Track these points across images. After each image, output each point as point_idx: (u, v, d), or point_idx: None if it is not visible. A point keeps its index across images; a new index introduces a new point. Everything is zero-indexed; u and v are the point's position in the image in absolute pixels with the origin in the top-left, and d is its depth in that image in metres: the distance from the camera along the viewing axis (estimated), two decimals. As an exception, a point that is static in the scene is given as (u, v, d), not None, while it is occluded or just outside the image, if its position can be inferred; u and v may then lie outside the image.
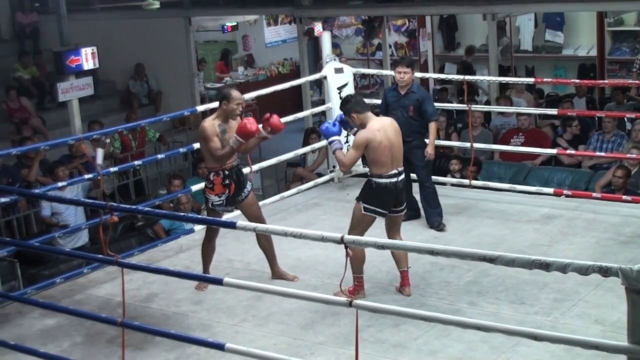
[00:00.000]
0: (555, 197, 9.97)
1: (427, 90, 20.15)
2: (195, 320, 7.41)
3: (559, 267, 4.60)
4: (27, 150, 11.32)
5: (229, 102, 7.86)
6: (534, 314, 7.06)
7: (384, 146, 7.40)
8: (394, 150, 7.47)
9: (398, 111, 9.18)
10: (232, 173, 7.93)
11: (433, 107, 9.36)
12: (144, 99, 19.44)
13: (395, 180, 7.48)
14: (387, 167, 7.44)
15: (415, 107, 9.19)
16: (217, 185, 7.90)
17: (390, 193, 7.47)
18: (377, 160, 7.43)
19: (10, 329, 7.57)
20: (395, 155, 7.49)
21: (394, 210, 7.60)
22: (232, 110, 7.89)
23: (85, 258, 8.53)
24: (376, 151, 7.40)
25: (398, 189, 7.51)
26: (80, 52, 14.05)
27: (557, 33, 19.20)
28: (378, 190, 7.46)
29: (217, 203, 7.95)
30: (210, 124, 7.87)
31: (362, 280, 7.57)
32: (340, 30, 22.39)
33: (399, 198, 7.57)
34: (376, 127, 7.46)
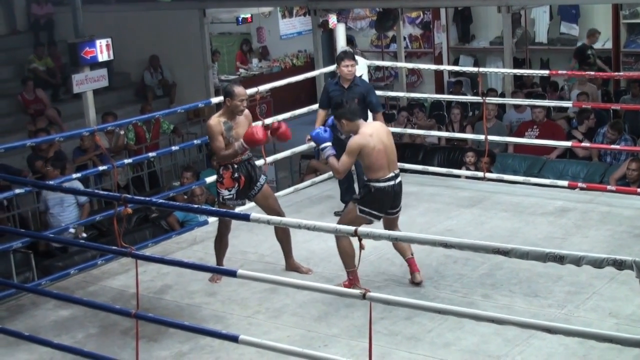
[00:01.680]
0: (569, 189, 9.94)
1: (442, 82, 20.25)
2: (208, 312, 7.43)
3: (573, 260, 4.58)
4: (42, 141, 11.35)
5: (233, 99, 7.90)
6: (547, 307, 7.05)
7: (377, 150, 7.39)
8: (388, 152, 7.48)
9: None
10: (242, 167, 7.97)
11: (377, 98, 9.45)
12: (158, 91, 19.45)
13: (393, 183, 7.49)
14: (384, 170, 7.44)
15: (360, 100, 9.19)
16: (226, 179, 7.94)
17: (389, 196, 7.49)
18: (373, 165, 7.42)
19: (24, 320, 7.60)
20: (390, 158, 7.50)
21: (391, 212, 7.64)
22: (235, 106, 7.91)
23: (99, 249, 8.55)
24: (370, 156, 7.39)
25: (396, 192, 7.53)
26: (95, 44, 14.06)
27: (573, 25, 19.13)
28: (377, 195, 7.47)
29: (227, 197, 7.99)
30: (215, 122, 7.90)
31: (356, 274, 7.48)
32: (355, 22, 22.35)
33: (397, 201, 7.60)
34: (368, 132, 7.46)
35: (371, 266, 7.85)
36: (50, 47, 18.90)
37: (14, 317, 7.65)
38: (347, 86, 9.34)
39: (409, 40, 21.51)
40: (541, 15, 19.39)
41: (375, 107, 9.34)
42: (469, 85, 19.27)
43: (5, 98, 17.73)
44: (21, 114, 17.31)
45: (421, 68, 15.73)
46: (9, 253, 9.66)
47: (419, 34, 21.66)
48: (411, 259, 7.62)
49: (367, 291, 5.39)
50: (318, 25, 17.66)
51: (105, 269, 8.60)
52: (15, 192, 9.13)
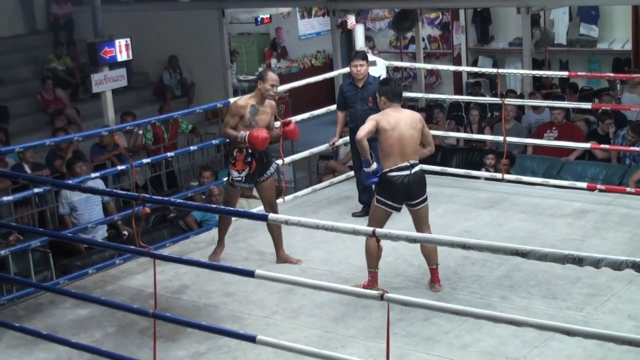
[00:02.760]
0: (588, 191, 9.90)
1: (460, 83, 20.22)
2: (226, 312, 7.43)
3: (592, 262, 4.56)
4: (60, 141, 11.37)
5: (264, 82, 8.17)
6: (566, 309, 7.02)
7: (389, 135, 7.41)
8: (402, 142, 7.44)
9: (357, 104, 9.40)
10: (255, 152, 8.22)
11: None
12: (177, 91, 19.49)
13: (407, 173, 7.44)
14: (395, 159, 7.43)
15: (374, 98, 9.11)
16: (239, 162, 8.24)
17: (399, 187, 7.44)
18: (385, 151, 7.46)
19: (43, 318, 7.62)
20: (404, 148, 7.44)
21: (410, 204, 7.58)
22: (266, 90, 8.18)
23: (117, 249, 8.57)
24: (383, 137, 7.44)
25: (410, 183, 7.46)
26: (114, 44, 14.11)
27: (592, 27, 19.08)
28: (387, 184, 7.47)
29: (236, 179, 8.30)
30: (242, 103, 8.27)
31: (376, 276, 7.50)
32: (374, 23, 22.35)
33: (412, 192, 7.51)
34: (390, 115, 7.51)
35: (389, 267, 7.84)
36: (70, 47, 18.97)
37: (32, 316, 7.67)
38: (361, 85, 9.38)
39: (428, 41, 21.49)
40: (560, 17, 19.35)
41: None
42: (488, 86, 19.24)
43: (24, 97, 17.82)
44: (40, 113, 17.39)
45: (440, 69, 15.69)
46: (28, 252, 9.70)
47: (438, 34, 21.65)
48: (434, 269, 7.57)
49: (384, 292, 5.38)
50: (337, 26, 17.68)
51: (123, 269, 8.61)
52: (34, 191, 9.18)
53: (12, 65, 18.76)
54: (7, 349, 7.10)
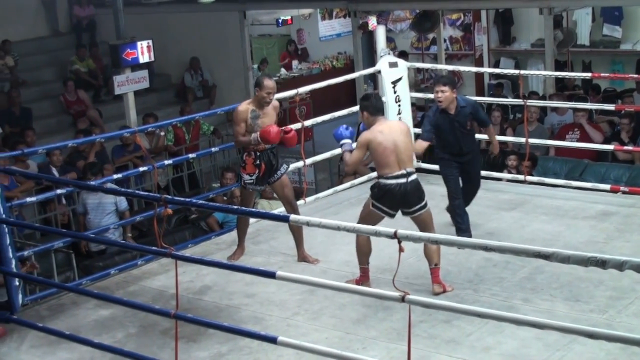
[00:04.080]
0: (611, 193, 9.85)
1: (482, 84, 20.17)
2: (247, 313, 7.43)
3: (616, 264, 4.54)
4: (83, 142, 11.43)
5: (260, 90, 8.32)
6: (589, 312, 6.99)
7: (384, 147, 7.45)
8: (398, 151, 7.47)
9: (457, 131, 8.73)
10: (264, 155, 8.39)
11: (484, 113, 9.39)
12: (198, 93, 19.54)
13: (404, 181, 7.47)
14: (392, 167, 7.47)
15: (471, 121, 8.84)
16: (248, 165, 8.39)
17: (395, 194, 7.48)
18: (380, 161, 7.51)
19: (65, 319, 7.64)
20: (401, 157, 7.48)
21: (408, 212, 7.61)
22: (262, 97, 8.34)
23: (139, 250, 8.59)
24: (377, 152, 7.49)
25: (406, 190, 7.49)
26: (136, 46, 14.18)
27: (615, 27, 18.99)
28: (383, 191, 7.52)
29: (247, 181, 8.44)
30: (243, 108, 8.40)
31: (367, 271, 7.70)
32: (395, 24, 22.32)
33: (408, 199, 7.53)
34: (379, 129, 7.56)
35: (410, 269, 7.82)
36: (92, 49, 19.05)
37: (55, 316, 7.70)
38: (454, 111, 8.68)
39: (450, 42, 21.45)
40: (583, 17, 19.25)
41: (485, 122, 9.17)
42: (510, 87, 19.18)
43: (47, 99, 17.92)
44: (63, 114, 17.48)
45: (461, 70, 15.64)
46: (51, 253, 9.74)
47: (460, 36, 21.59)
48: (434, 268, 7.57)
49: (406, 294, 5.36)
50: (358, 27, 17.66)
51: (145, 269, 8.63)
52: (56, 192, 9.22)
53: (35, 67, 18.88)
54: (31, 349, 7.13)
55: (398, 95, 10.76)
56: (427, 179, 10.66)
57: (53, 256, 9.94)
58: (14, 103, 16.31)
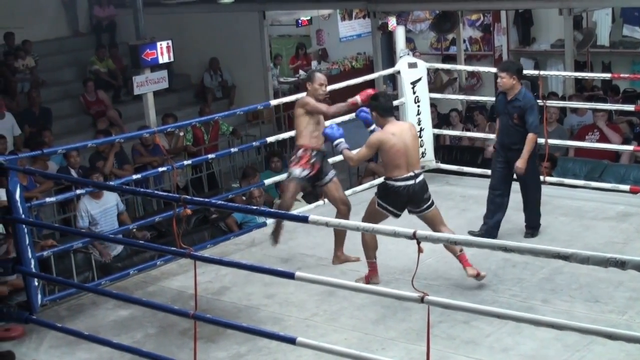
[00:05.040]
0: (631, 194, 9.80)
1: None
2: (266, 313, 7.44)
3: (635, 265, 4.52)
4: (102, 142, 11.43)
5: (312, 82, 8.46)
6: (608, 313, 6.97)
7: (396, 149, 7.53)
8: (409, 153, 7.56)
9: (504, 117, 8.87)
10: (319, 155, 8.41)
11: (534, 118, 8.81)
12: (218, 93, 19.56)
13: (412, 183, 7.58)
14: (401, 170, 7.56)
15: (519, 115, 8.74)
16: (303, 159, 8.33)
17: (402, 196, 7.60)
18: (391, 163, 7.59)
19: (84, 319, 7.67)
20: (410, 160, 7.58)
21: (413, 211, 7.72)
22: (315, 90, 8.44)
23: (158, 250, 8.60)
24: (388, 153, 7.57)
25: (414, 192, 7.58)
26: (156, 46, 14.21)
27: (635, 28, 18.92)
28: (391, 192, 7.64)
29: (297, 176, 8.35)
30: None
31: (375, 266, 7.81)
32: (415, 25, 22.29)
33: (415, 200, 7.64)
34: (391, 131, 7.63)
35: (429, 269, 7.81)
36: (112, 49, 19.10)
37: (74, 317, 7.73)
38: (510, 99, 8.77)
39: (469, 42, 21.40)
40: (603, 18, 19.18)
41: (529, 126, 8.70)
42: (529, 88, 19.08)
43: (68, 99, 17.98)
44: (83, 115, 17.53)
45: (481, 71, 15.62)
46: (70, 253, 9.77)
47: (479, 36, 21.55)
48: (461, 255, 7.60)
49: (425, 295, 5.36)
50: (377, 28, 17.65)
51: (164, 270, 8.66)
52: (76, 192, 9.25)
53: (55, 67, 18.94)
54: (50, 349, 7.16)
55: (417, 95, 10.75)
56: (446, 179, 10.69)
57: (72, 256, 9.97)
58: (34, 103, 16.36)
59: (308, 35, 23.39)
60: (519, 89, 8.78)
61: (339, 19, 23.14)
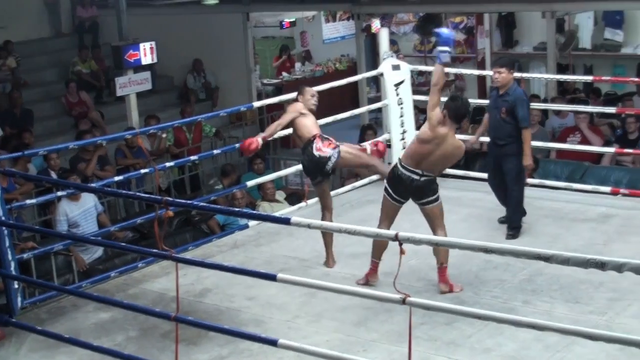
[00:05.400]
0: (612, 196, 9.85)
1: (484, 87, 20.13)
2: (248, 315, 7.44)
3: (615, 266, 4.54)
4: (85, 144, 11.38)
5: (303, 95, 8.54)
6: (588, 313, 7.00)
7: (423, 146, 7.52)
8: (427, 160, 7.52)
9: (493, 111, 9.02)
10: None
11: (524, 112, 8.82)
12: (201, 94, 19.54)
13: (417, 177, 7.55)
14: (413, 162, 7.56)
15: (508, 110, 8.81)
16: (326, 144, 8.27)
17: (402, 183, 7.60)
18: (411, 150, 7.62)
19: (65, 322, 7.65)
20: (424, 165, 7.53)
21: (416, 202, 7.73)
22: (307, 101, 8.50)
23: (140, 252, 8.59)
24: (418, 138, 7.61)
25: (413, 185, 7.56)
26: (139, 47, 14.19)
27: (617, 31, 18.96)
28: (394, 175, 7.65)
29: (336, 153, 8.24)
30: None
31: (376, 266, 7.79)
32: (398, 27, 22.30)
33: (415, 192, 7.64)
34: (441, 133, 7.51)
35: (411, 270, 7.82)
36: (94, 50, 19.05)
37: (54, 319, 7.70)
38: (501, 93, 8.91)
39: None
40: (585, 21, 19.23)
41: (520, 121, 8.78)
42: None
43: (49, 100, 17.92)
44: (65, 116, 17.47)
45: (464, 73, 15.65)
46: (50, 255, 9.73)
47: (462, 39, 21.56)
48: (440, 268, 7.62)
49: (407, 296, 5.37)
50: (361, 30, 17.67)
51: (145, 272, 8.64)
52: (57, 194, 9.22)
53: (37, 68, 18.87)
54: (29, 353, 7.13)
55: (400, 98, 10.78)
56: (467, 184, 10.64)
57: (53, 259, 9.93)
58: (15, 104, 16.30)
59: (292, 37, 23.40)
60: (511, 82, 8.90)
61: (323, 21, 23.15)
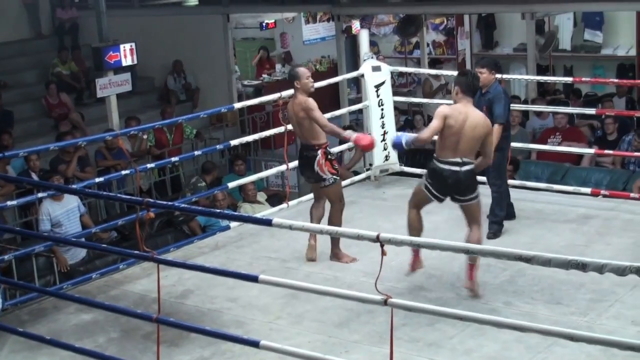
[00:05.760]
0: (592, 197, 9.89)
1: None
2: (230, 317, 7.43)
3: (596, 267, 4.56)
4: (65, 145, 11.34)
5: (300, 79, 8.27)
6: (570, 314, 7.02)
7: (453, 131, 7.36)
8: (461, 139, 7.38)
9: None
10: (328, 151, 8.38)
11: (500, 109, 8.84)
12: (181, 96, 19.51)
13: (457, 169, 7.41)
14: (448, 152, 7.41)
15: (488, 107, 8.82)
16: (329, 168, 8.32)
17: (443, 179, 7.46)
18: (442, 142, 7.45)
19: (46, 323, 7.62)
20: (461, 146, 7.39)
21: (457, 199, 7.59)
22: (305, 84, 8.28)
23: (121, 254, 8.57)
24: (444, 131, 7.40)
25: (458, 179, 7.43)
26: (119, 48, 14.16)
27: (596, 32, 19.06)
28: (433, 172, 7.53)
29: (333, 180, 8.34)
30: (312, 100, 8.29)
31: (418, 252, 7.64)
32: (379, 28, 22.34)
33: (458, 187, 7.50)
34: (458, 110, 7.45)
35: (392, 272, 7.81)
36: (74, 51, 19.00)
37: (35, 321, 7.67)
38: (483, 92, 8.94)
39: (433, 46, 21.48)
40: (565, 22, 19.32)
41: (495, 117, 8.71)
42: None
43: (29, 102, 17.86)
44: (45, 117, 17.41)
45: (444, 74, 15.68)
46: (32, 257, 9.70)
47: (443, 40, 21.63)
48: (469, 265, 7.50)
49: (388, 297, 5.38)
50: (341, 31, 17.67)
51: (127, 273, 8.62)
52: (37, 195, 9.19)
53: (17, 69, 18.81)
54: (11, 354, 7.10)
55: (381, 99, 10.79)
56: (410, 182, 10.65)
57: (34, 260, 9.90)
58: (-5, 106, 16.25)
59: (272, 38, 23.38)
60: (493, 81, 8.94)
61: (303, 22, 23.15)
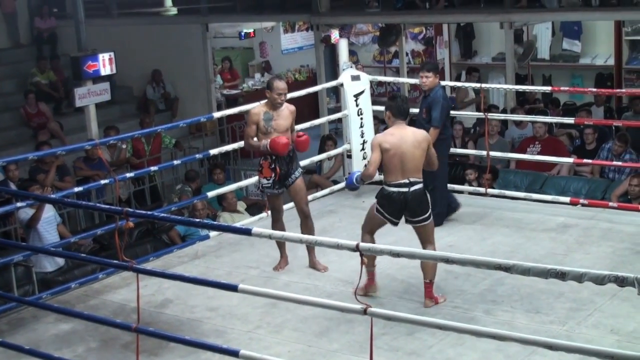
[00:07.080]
0: (571, 206, 9.92)
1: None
2: (209, 326, 7.41)
3: (575, 276, 4.57)
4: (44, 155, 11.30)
5: (271, 91, 8.29)
6: (549, 323, 7.03)
7: (392, 154, 7.42)
8: (404, 159, 7.43)
9: (420, 113, 9.40)
10: (280, 159, 8.32)
11: (437, 113, 9.12)
12: (160, 105, 19.49)
13: (406, 190, 7.43)
14: (396, 175, 7.45)
15: (427, 110, 9.19)
16: (265, 169, 8.35)
17: (396, 203, 7.48)
18: (386, 167, 7.51)
19: (25, 333, 7.58)
20: (406, 166, 7.44)
21: (410, 220, 7.60)
22: (274, 99, 8.29)
23: (100, 263, 8.53)
24: (385, 156, 7.47)
25: (408, 200, 7.46)
26: (98, 58, 14.13)
27: (575, 42, 19.16)
28: (385, 197, 7.54)
29: (265, 185, 8.41)
30: (256, 110, 8.40)
31: (373, 275, 7.67)
32: (357, 37, 22.40)
33: (411, 208, 7.51)
34: (391, 133, 7.55)
35: (372, 281, 7.83)
36: (53, 61, 18.96)
37: (14, 331, 7.63)
38: (426, 95, 9.34)
39: (412, 55, 21.54)
40: (543, 32, 19.40)
41: (432, 120, 9.07)
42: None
43: (8, 111, 17.81)
44: (24, 127, 17.36)
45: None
46: (10, 266, 9.65)
47: (422, 49, 21.70)
48: (427, 283, 7.55)
49: (368, 307, 5.38)
50: (320, 40, 17.70)
51: (106, 283, 8.59)
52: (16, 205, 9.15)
53: (-5, 79, 18.76)
54: (-11, 364, 7.08)
55: (360, 108, 10.80)
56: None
57: (12, 270, 9.85)
58: (-26, 115, 16.18)
59: (251, 47, 23.40)
60: (436, 87, 9.26)
61: (282, 32, 23.17)
